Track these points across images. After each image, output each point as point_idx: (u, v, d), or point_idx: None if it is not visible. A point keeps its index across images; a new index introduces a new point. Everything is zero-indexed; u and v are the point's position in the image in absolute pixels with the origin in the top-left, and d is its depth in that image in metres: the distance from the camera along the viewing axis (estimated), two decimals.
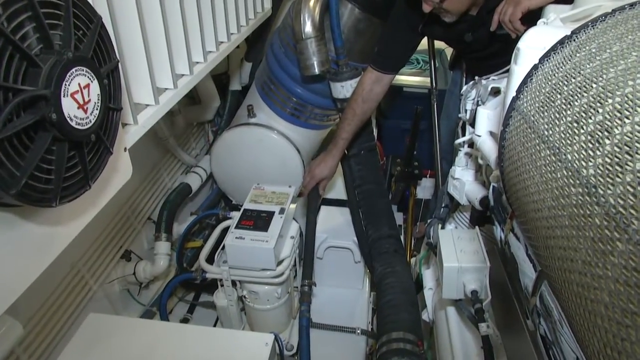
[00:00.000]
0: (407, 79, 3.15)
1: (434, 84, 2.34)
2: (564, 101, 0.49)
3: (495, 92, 1.17)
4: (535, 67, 0.62)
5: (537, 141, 0.53)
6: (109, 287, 1.83)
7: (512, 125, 0.64)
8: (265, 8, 1.99)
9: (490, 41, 1.31)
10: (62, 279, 1.57)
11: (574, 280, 0.41)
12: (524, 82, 0.63)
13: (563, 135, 0.47)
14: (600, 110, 0.41)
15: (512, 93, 0.68)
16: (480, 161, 1.14)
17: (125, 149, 1.00)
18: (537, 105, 0.56)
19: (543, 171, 0.50)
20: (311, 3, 1.81)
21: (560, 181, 0.45)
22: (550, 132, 0.50)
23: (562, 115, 0.48)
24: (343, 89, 1.92)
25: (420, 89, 3.00)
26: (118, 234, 1.89)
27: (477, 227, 1.22)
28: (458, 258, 1.09)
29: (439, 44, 2.49)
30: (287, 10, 2.08)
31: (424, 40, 1.90)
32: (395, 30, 1.70)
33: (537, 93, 0.58)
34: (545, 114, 0.53)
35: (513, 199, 0.66)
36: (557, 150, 0.47)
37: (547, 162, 0.49)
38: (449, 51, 2.55)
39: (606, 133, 0.39)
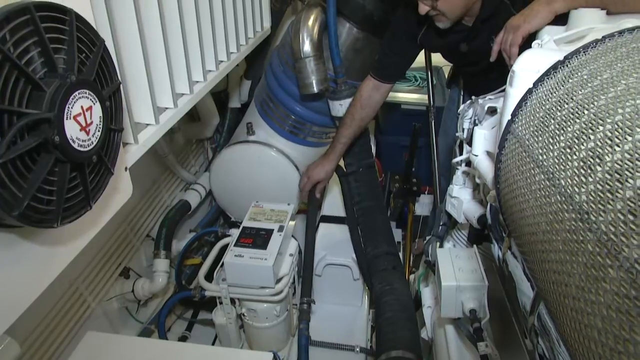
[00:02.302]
0: (406, 95, 3.17)
1: (431, 101, 2.36)
2: (557, 127, 0.51)
3: (492, 111, 1.19)
4: (529, 92, 0.63)
5: (531, 165, 0.54)
6: (107, 305, 1.82)
7: (508, 148, 0.65)
8: (264, 27, 2.02)
9: (485, 53, 1.33)
10: (60, 296, 1.57)
11: (568, 304, 0.41)
12: (518, 106, 0.64)
13: (557, 161, 0.48)
14: (592, 137, 0.43)
15: (508, 116, 0.69)
16: (477, 180, 1.15)
17: (125, 168, 1.01)
18: (531, 129, 0.58)
19: (538, 195, 0.51)
20: (310, 22, 1.84)
21: (554, 206, 0.45)
22: (545, 156, 0.51)
23: (555, 140, 0.50)
24: (342, 107, 1.93)
25: (418, 106, 3.02)
26: (117, 251, 1.89)
27: (475, 245, 1.22)
28: (456, 277, 1.10)
29: (436, 61, 2.52)
30: (286, 29, 2.11)
31: (422, 58, 1.93)
32: (394, 39, 1.73)
33: (532, 117, 0.59)
34: (540, 138, 0.54)
35: (509, 220, 0.67)
36: (551, 175, 0.48)
37: (542, 186, 0.50)
38: (446, 69, 2.58)
39: (597, 160, 0.41)
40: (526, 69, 0.72)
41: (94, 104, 0.74)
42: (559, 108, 0.52)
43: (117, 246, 1.89)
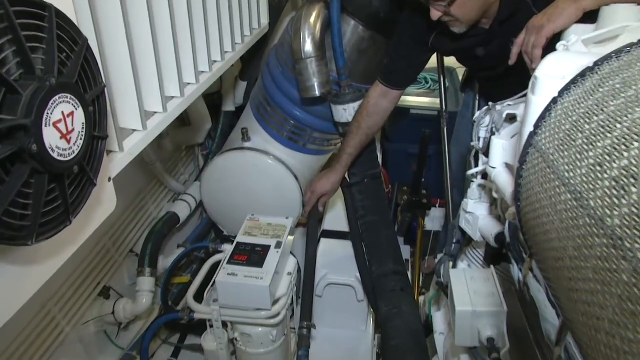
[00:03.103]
0: (415, 99, 3.18)
1: (444, 106, 2.36)
2: (585, 141, 0.50)
3: (511, 118, 1.18)
4: (554, 101, 0.63)
5: (556, 183, 0.53)
6: (83, 329, 1.80)
7: (530, 163, 0.64)
8: (262, 24, 2.02)
9: (503, 57, 1.33)
10: (30, 320, 1.54)
11: (601, 340, 0.41)
12: (542, 117, 0.64)
13: (585, 179, 0.47)
14: (626, 154, 0.42)
15: (530, 127, 0.68)
16: (495, 194, 1.15)
17: (109, 178, 1.01)
18: (556, 143, 0.57)
19: (564, 217, 0.50)
20: (312, 20, 1.84)
21: (583, 229, 0.45)
22: (571, 174, 0.51)
23: (583, 156, 0.49)
24: (345, 112, 1.94)
25: (428, 111, 3.02)
26: (96, 268, 1.87)
27: (492, 266, 1.21)
28: (472, 301, 1.09)
29: (449, 62, 2.52)
30: (286, 27, 2.12)
31: (433, 58, 1.93)
32: (402, 45, 1.73)
33: (557, 130, 0.58)
34: (566, 153, 0.54)
35: (532, 242, 0.66)
36: (579, 195, 0.47)
37: (568, 207, 0.49)
38: (460, 72, 2.59)
39: (632, 180, 0.40)
40: (550, 75, 0.72)
41: (76, 109, 0.74)
42: (588, 120, 0.52)
43: (97, 263, 1.87)
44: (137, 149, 1.15)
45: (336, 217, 2.41)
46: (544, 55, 0.79)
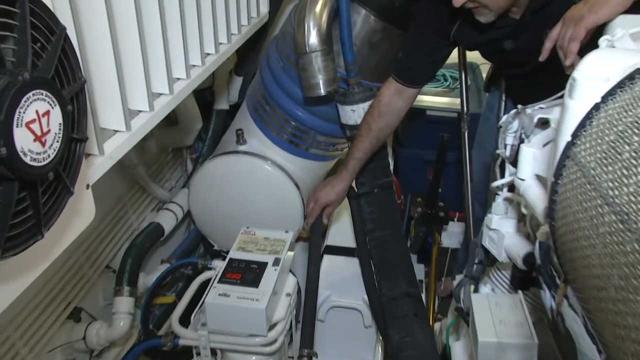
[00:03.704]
0: (432, 99, 3.18)
1: (465, 107, 2.36)
2: (633, 154, 0.50)
3: (543, 123, 1.18)
4: (596, 107, 0.62)
5: (599, 202, 0.53)
6: (48, 358, 1.78)
7: (567, 177, 0.64)
8: (261, 12, 2.03)
9: (535, 52, 1.32)
10: None
11: None
12: (581, 125, 0.63)
13: (632, 199, 0.47)
14: None
15: (566, 136, 0.68)
16: (523, 210, 1.14)
17: (87, 186, 1.00)
18: (598, 156, 0.56)
19: (607, 241, 0.50)
20: (317, 9, 1.84)
21: (631, 256, 0.44)
22: (616, 192, 0.50)
23: (631, 172, 0.48)
24: (354, 113, 1.94)
25: (447, 113, 3.02)
26: (66, 287, 1.85)
27: (520, 291, 1.21)
28: (497, 331, 1.08)
29: (472, 57, 2.52)
30: (288, 16, 2.12)
31: (454, 52, 1.93)
32: (420, 37, 1.73)
33: (599, 140, 0.58)
34: (610, 168, 0.53)
35: (568, 266, 0.66)
36: (626, 217, 0.47)
37: (613, 229, 0.49)
38: (484, 68, 2.59)
39: None
40: (592, 77, 0.71)
41: (53, 107, 0.74)
42: (637, 131, 0.51)
43: (67, 281, 1.85)
44: (119, 152, 1.15)
45: (341, 231, 2.41)
46: (584, 53, 0.78)
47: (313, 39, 1.81)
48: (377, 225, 2.11)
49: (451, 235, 2.87)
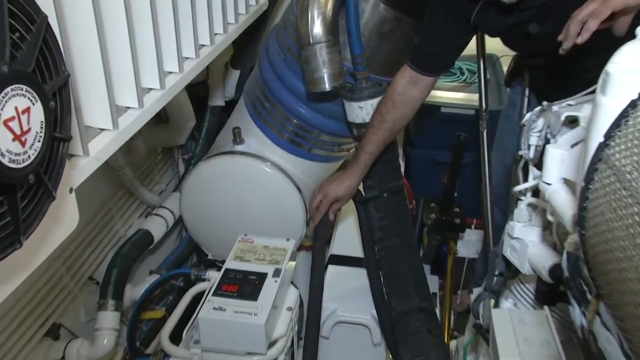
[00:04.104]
0: (447, 95, 3.18)
1: (483, 103, 2.36)
2: None
3: (572, 121, 1.18)
4: (632, 105, 0.62)
5: (635, 209, 0.52)
6: None
7: (599, 182, 0.63)
8: (260, 0, 2.03)
9: None
10: None
11: None
12: (616, 124, 0.63)
13: None
14: None
15: (599, 137, 0.67)
16: (549, 217, 1.14)
17: (71, 189, 1.00)
18: (635, 158, 0.56)
19: None
20: None
21: None
22: None
23: None
24: (362, 110, 1.93)
25: (464, 109, 3.03)
26: (44, 300, 1.84)
27: (546, 306, 1.20)
28: (520, 351, 1.07)
29: (492, 48, 2.52)
30: (290, 4, 2.12)
31: (471, 44, 1.92)
32: (437, 20, 1.73)
33: (636, 142, 0.57)
34: None
35: (600, 280, 0.65)
36: None
37: None
38: (505, 61, 2.57)
39: None
40: (628, 71, 0.70)
41: (34, 104, 0.74)
42: None
43: (45, 294, 1.85)
44: (105, 153, 1.14)
45: (347, 240, 2.41)
46: (620, 44, 0.77)
47: (317, 29, 1.81)
48: (387, 232, 2.10)
49: (468, 244, 2.86)
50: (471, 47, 1.99)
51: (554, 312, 1.19)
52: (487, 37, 2.20)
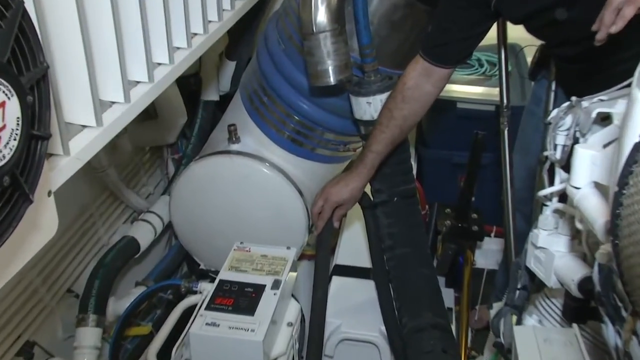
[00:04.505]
0: (464, 89, 3.17)
1: (504, 99, 2.35)
2: None
3: (604, 118, 1.17)
4: None
5: None
6: None
7: (634, 187, 0.63)
8: None
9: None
10: None
11: None
12: None
13: None
14: None
15: (634, 136, 0.67)
16: (578, 225, 1.14)
17: (49, 192, 1.00)
18: None
19: None
20: None
21: None
22: None
23: None
24: (370, 106, 1.93)
25: (482, 105, 3.02)
26: (16, 316, 1.84)
27: (575, 324, 1.20)
28: None
29: (514, 36, 2.51)
30: None
31: (491, 32, 1.92)
32: (454, 6, 1.73)
33: None
34: None
35: (638, 296, 0.65)
36: None
37: None
38: (529, 51, 2.57)
39: None
40: None
41: (9, 98, 0.74)
42: None
43: (18, 308, 1.85)
44: (88, 153, 1.14)
45: (354, 248, 2.41)
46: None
47: (321, 16, 1.81)
48: (397, 241, 2.10)
49: (487, 254, 2.86)
50: (491, 35, 1.98)
51: (584, 330, 1.19)
52: (509, 25, 2.19)
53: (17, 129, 0.75)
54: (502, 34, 2.27)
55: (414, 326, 1.91)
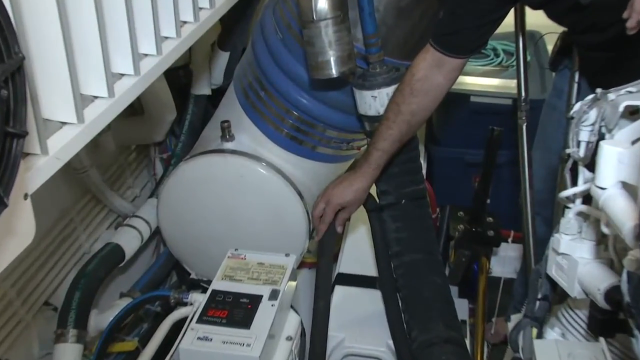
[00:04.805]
0: (478, 81, 3.18)
1: (523, 91, 2.35)
2: None
3: (632, 112, 1.17)
4: None
5: None
6: None
7: None
8: None
9: (621, 9, 1.30)
10: None
11: None
12: None
13: None
14: None
15: None
16: (604, 229, 1.13)
17: (26, 195, 1.00)
18: None
19: None
20: None
21: None
22: None
23: None
24: (375, 101, 1.93)
25: (498, 99, 3.03)
26: None
27: (601, 338, 1.19)
28: None
29: (533, 23, 2.50)
30: None
31: (508, 19, 1.91)
32: None
33: None
34: None
35: None
36: None
37: None
38: (550, 39, 2.56)
39: None
40: None
41: None
42: None
43: None
44: (68, 152, 1.14)
45: (358, 255, 2.41)
46: None
47: (322, 2, 1.80)
48: (406, 247, 2.10)
49: (504, 261, 2.85)
50: (508, 22, 1.98)
51: (611, 344, 1.18)
52: (528, 10, 2.19)
53: None
54: (520, 20, 2.27)
55: (425, 340, 1.91)
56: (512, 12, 1.96)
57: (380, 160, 1.94)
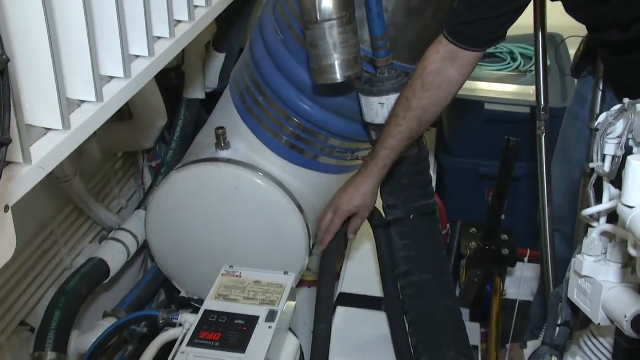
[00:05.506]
0: (493, 87, 3.18)
1: (542, 99, 2.36)
2: None
3: None
4: None
5: None
6: None
7: None
8: None
9: None
10: None
11: None
12: None
13: None
14: None
15: None
16: (632, 251, 1.13)
17: (6, 207, 1.00)
18: None
19: None
20: None
21: None
22: None
23: None
24: (383, 108, 1.94)
25: (515, 107, 3.02)
26: None
27: None
28: None
29: (554, 26, 2.50)
30: None
31: (527, 21, 1.91)
32: None
33: None
34: None
35: None
36: None
37: None
38: (573, 43, 2.56)
39: None
40: None
41: None
42: None
43: None
44: (52, 160, 1.14)
45: (362, 274, 2.41)
46: None
47: (327, 2, 1.81)
48: (414, 266, 2.10)
49: (520, 283, 2.86)
50: (527, 24, 1.97)
51: None
52: (549, 11, 2.17)
53: None
54: (541, 20, 2.25)
55: None
56: (531, 11, 1.96)
57: (387, 159, 1.92)
